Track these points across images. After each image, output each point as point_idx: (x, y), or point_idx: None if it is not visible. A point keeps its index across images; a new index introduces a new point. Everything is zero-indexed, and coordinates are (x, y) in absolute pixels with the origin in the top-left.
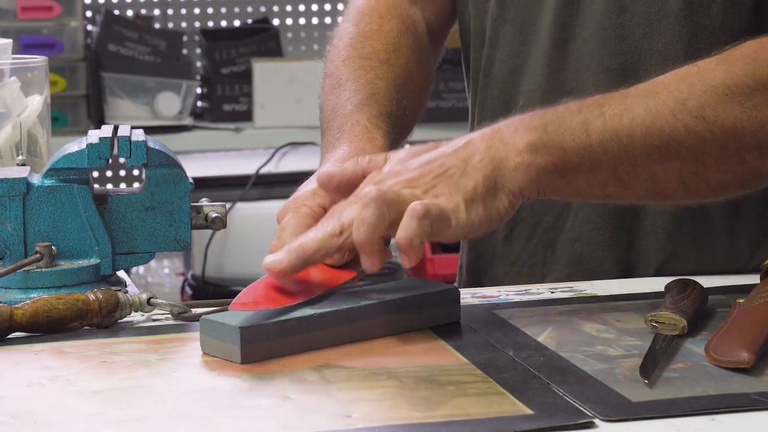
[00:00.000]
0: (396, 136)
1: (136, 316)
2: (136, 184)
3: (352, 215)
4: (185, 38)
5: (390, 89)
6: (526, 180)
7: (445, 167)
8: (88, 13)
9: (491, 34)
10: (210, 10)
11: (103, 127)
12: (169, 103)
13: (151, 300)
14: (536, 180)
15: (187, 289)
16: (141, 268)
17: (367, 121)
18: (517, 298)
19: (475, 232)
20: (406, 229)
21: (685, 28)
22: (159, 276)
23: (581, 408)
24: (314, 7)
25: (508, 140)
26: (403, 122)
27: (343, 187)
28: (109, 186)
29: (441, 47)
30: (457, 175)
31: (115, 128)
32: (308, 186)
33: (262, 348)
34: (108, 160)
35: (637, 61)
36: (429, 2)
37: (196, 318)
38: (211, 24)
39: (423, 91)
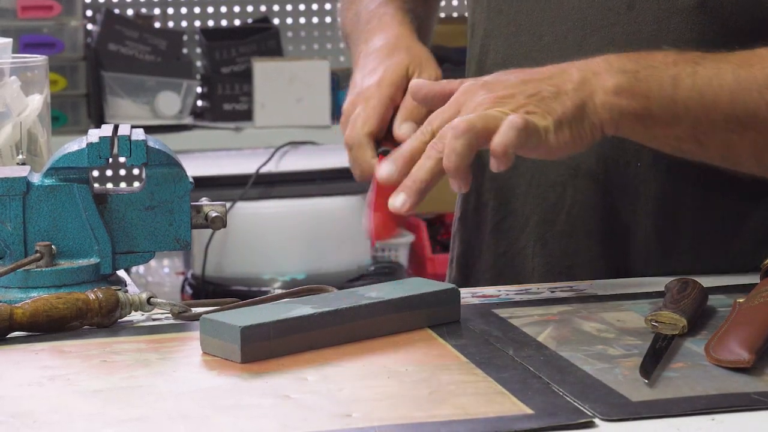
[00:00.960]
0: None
1: (136, 316)
2: (136, 184)
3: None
4: (185, 37)
5: None
6: (608, 118)
7: (538, 89)
8: (89, 13)
9: (487, 25)
10: (210, 10)
11: (103, 126)
12: (170, 103)
13: (151, 299)
14: (617, 120)
15: (187, 288)
16: (141, 268)
17: (394, 10)
18: (517, 298)
19: (560, 152)
20: (503, 136)
21: (696, 25)
22: (159, 275)
23: (581, 407)
24: (314, 7)
25: (601, 76)
26: (421, 26)
27: (430, 99)
28: (109, 185)
29: None
30: (549, 98)
31: (115, 127)
32: (369, 79)
33: (262, 347)
34: (108, 159)
35: None
36: None
37: (197, 317)
38: (211, 23)
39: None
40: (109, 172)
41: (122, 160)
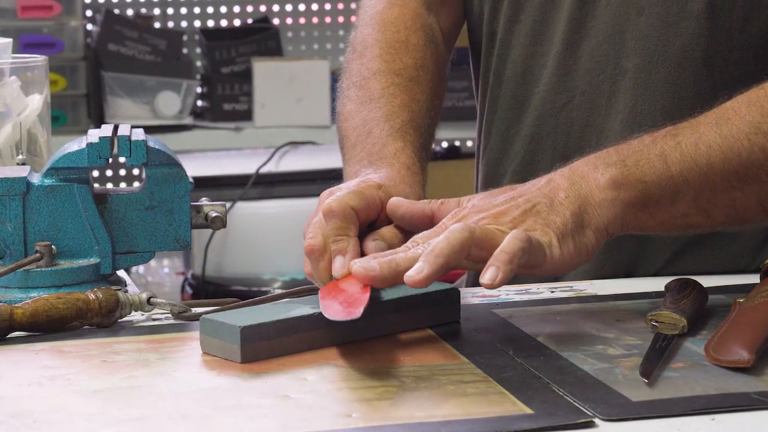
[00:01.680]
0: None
1: (136, 316)
2: (136, 184)
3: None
4: (185, 37)
5: (423, 114)
6: (611, 216)
7: (532, 203)
8: (88, 13)
9: (503, 35)
10: (210, 10)
11: (103, 126)
12: (169, 103)
13: (151, 299)
14: (621, 215)
15: (187, 288)
16: (141, 268)
17: (411, 152)
18: (517, 298)
19: (566, 268)
20: (509, 245)
21: (704, 30)
22: (159, 275)
23: (581, 407)
24: (314, 7)
25: (590, 177)
26: (429, 146)
27: (407, 219)
28: (109, 185)
29: (451, 53)
30: (545, 211)
31: (115, 127)
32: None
33: (262, 347)
34: (108, 159)
35: (652, 62)
36: (443, 9)
37: (196, 317)
38: (211, 23)
39: (441, 105)
40: (109, 172)
41: (122, 160)
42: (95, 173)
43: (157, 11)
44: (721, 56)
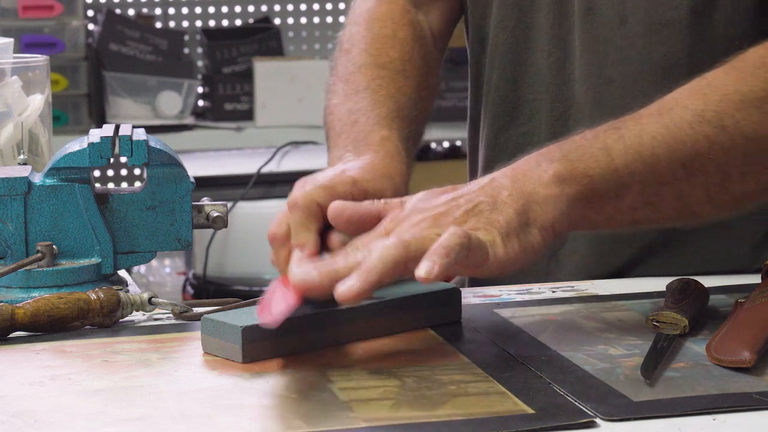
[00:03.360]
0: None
1: (137, 316)
2: (137, 184)
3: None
4: (186, 37)
5: (410, 106)
6: (557, 212)
7: (474, 202)
8: (90, 13)
9: (492, 40)
10: (211, 10)
11: (104, 126)
12: (171, 103)
13: (153, 299)
14: (566, 212)
15: (189, 288)
16: (142, 268)
17: (398, 141)
18: (518, 298)
19: (510, 267)
20: (446, 239)
21: (687, 38)
22: (160, 275)
23: (582, 407)
24: (315, 7)
25: (533, 174)
26: (417, 138)
27: (354, 222)
28: (111, 185)
29: (444, 52)
30: (488, 210)
31: (117, 127)
32: (326, 173)
33: (263, 347)
34: (109, 159)
35: (637, 71)
36: (433, 8)
37: (198, 317)
38: (212, 23)
39: (431, 101)
40: (110, 172)
41: (123, 160)
42: (96, 173)
43: (158, 11)
44: (706, 63)
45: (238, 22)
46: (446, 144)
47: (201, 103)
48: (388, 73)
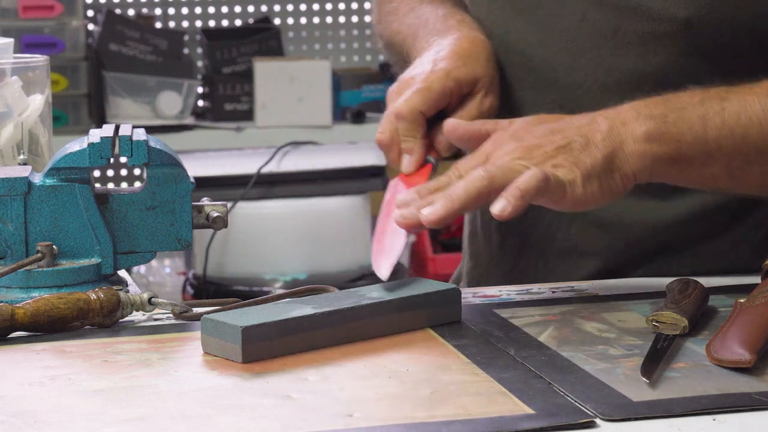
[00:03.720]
0: None
1: (137, 316)
2: (137, 184)
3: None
4: (186, 37)
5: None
6: (640, 166)
7: (567, 140)
8: (90, 13)
9: None
10: (211, 10)
11: (104, 126)
12: (171, 103)
13: (153, 299)
14: (650, 167)
15: (189, 288)
16: (142, 268)
17: (471, 21)
18: (518, 298)
19: (588, 205)
20: (524, 181)
21: (681, 47)
22: (160, 275)
23: (582, 407)
24: (315, 7)
25: (629, 125)
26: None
27: (466, 140)
28: (111, 185)
29: None
30: (578, 150)
31: (117, 127)
32: (439, 64)
33: (263, 347)
34: (109, 159)
35: (634, 79)
36: None
37: (198, 317)
38: (212, 23)
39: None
40: (110, 172)
41: (123, 160)
42: (96, 173)
43: (158, 11)
44: (700, 75)
45: (238, 22)
46: None
47: (201, 103)
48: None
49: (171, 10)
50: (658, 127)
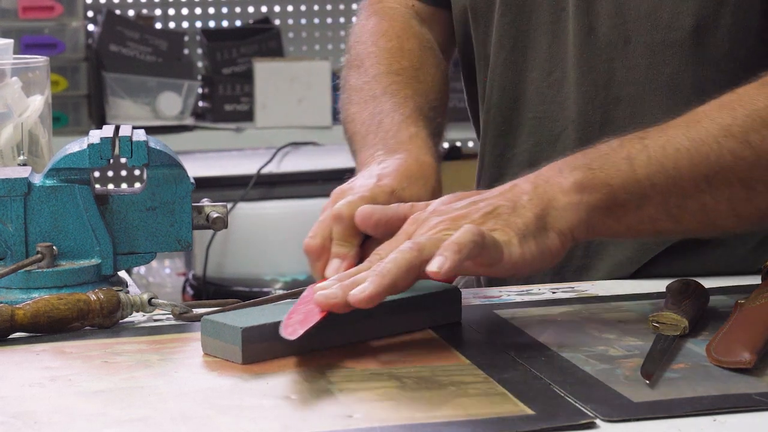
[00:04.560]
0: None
1: (137, 317)
2: (137, 184)
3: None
4: (186, 38)
5: (429, 107)
6: (576, 219)
7: (493, 205)
8: (90, 13)
9: (493, 59)
10: (211, 10)
11: (104, 127)
12: (171, 103)
13: (153, 300)
14: (586, 219)
15: (189, 289)
16: (142, 268)
17: (426, 137)
18: (518, 299)
19: (526, 268)
20: (460, 236)
21: (691, 58)
22: (160, 276)
23: (582, 408)
24: (315, 7)
25: (554, 181)
26: (440, 135)
27: (382, 225)
28: (111, 186)
29: (450, 60)
30: (506, 213)
31: (117, 128)
32: (370, 181)
33: (263, 348)
34: (109, 160)
35: (644, 91)
36: (434, 25)
37: (198, 318)
38: (212, 24)
39: (445, 106)
40: (110, 173)
41: (123, 160)
42: (96, 174)
43: (158, 12)
44: (711, 82)
45: (238, 23)
46: (446, 144)
47: (201, 103)
48: (402, 78)
49: (171, 11)
50: (585, 175)
